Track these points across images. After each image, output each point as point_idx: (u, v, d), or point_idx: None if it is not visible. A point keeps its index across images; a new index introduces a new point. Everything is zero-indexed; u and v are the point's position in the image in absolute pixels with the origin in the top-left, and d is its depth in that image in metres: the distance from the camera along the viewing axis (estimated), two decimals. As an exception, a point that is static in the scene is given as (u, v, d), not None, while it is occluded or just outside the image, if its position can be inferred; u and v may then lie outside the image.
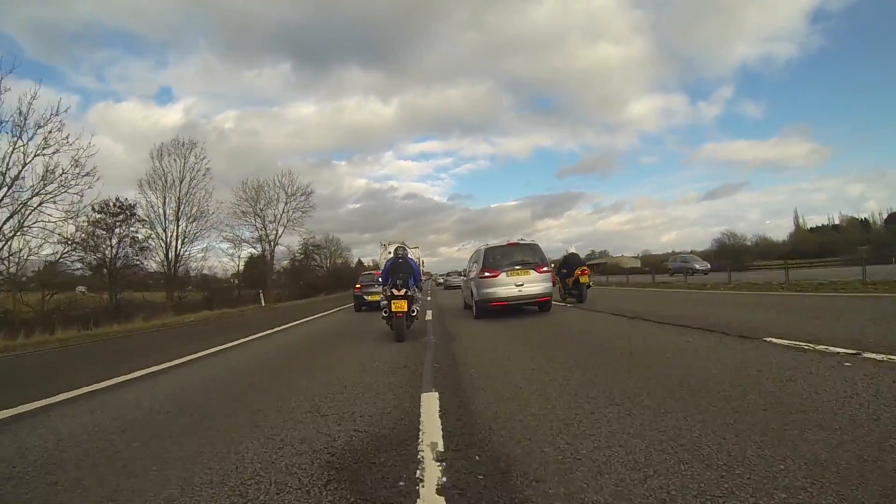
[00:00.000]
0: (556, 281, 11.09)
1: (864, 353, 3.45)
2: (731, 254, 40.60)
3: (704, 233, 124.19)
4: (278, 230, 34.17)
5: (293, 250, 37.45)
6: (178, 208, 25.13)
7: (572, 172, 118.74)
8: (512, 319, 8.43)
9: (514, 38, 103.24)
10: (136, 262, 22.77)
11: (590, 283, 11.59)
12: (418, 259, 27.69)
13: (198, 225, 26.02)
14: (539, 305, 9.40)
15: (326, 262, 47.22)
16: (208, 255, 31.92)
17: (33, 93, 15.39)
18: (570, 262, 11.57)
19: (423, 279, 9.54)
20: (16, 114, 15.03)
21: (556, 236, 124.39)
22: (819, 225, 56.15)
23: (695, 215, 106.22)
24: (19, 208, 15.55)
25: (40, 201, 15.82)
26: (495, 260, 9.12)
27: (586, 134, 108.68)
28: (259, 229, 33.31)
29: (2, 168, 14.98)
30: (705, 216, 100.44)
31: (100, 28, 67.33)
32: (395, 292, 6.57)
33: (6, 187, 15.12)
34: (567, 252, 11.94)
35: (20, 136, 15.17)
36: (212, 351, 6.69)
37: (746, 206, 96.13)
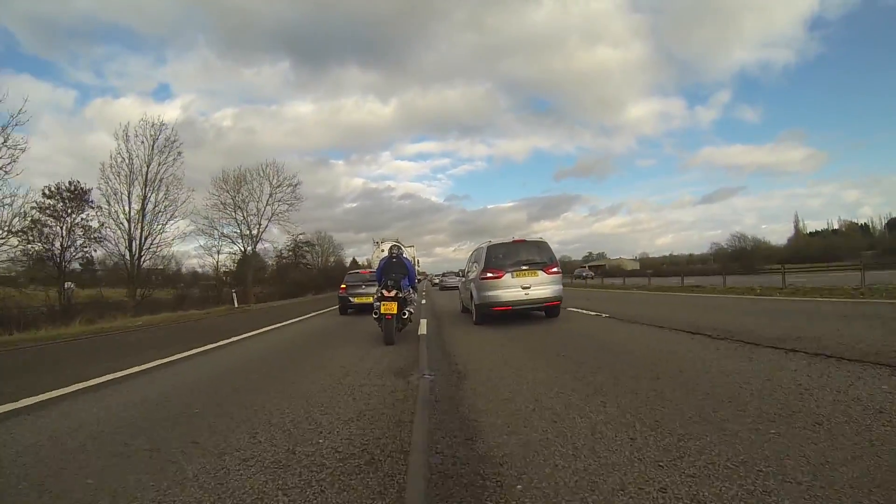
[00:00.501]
0: None
1: None
2: (741, 256, 39.56)
3: (700, 236, 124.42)
4: (262, 224, 31.37)
5: (277, 248, 35.27)
6: (144, 196, 22.66)
7: (569, 174, 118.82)
8: (519, 327, 7.09)
9: (513, 40, 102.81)
10: (84, 254, 20.32)
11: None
12: (413, 258, 26.20)
13: (166, 215, 23.42)
14: (546, 310, 8.30)
15: (319, 261, 45.53)
16: (200, 253, 30.00)
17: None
18: None
19: (417, 279, 8.69)
20: None
21: (552, 238, 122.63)
22: (818, 230, 56.31)
23: (691, 219, 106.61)
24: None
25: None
26: (499, 259, 8.06)
27: (584, 136, 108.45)
28: (240, 223, 30.60)
29: None
30: (701, 220, 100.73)
31: (98, 23, 67.43)
32: (385, 294, 6.29)
33: None
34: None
35: None
36: (88, 385, 4.26)
37: (742, 210, 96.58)
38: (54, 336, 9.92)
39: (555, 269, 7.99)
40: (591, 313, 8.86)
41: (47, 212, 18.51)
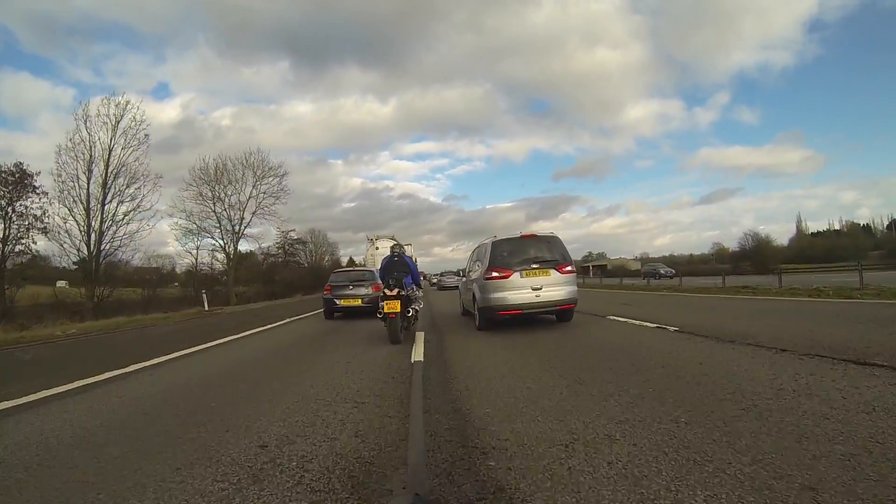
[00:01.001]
0: None
1: None
2: (753, 256, 37.67)
3: (698, 237, 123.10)
4: (245, 218, 28.52)
5: (262, 245, 32.05)
6: (105, 183, 20.14)
7: (568, 175, 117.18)
8: (533, 333, 5.24)
9: (512, 41, 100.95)
10: (24, 246, 17.53)
11: None
12: (411, 257, 23.77)
13: (131, 204, 20.98)
14: (557, 314, 7.41)
15: (312, 260, 42.95)
16: (198, 251, 27.38)
17: None
18: None
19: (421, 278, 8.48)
20: None
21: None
22: (819, 230, 55.84)
23: (689, 220, 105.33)
24: None
25: None
26: (505, 256, 7.08)
27: (583, 137, 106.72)
28: (219, 215, 27.58)
29: None
30: (699, 220, 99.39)
31: (97, 21, 66.36)
32: (387, 293, 6.29)
33: None
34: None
35: None
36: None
37: (740, 211, 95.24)
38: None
39: (569, 268, 7.06)
40: (648, 325, 6.59)
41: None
